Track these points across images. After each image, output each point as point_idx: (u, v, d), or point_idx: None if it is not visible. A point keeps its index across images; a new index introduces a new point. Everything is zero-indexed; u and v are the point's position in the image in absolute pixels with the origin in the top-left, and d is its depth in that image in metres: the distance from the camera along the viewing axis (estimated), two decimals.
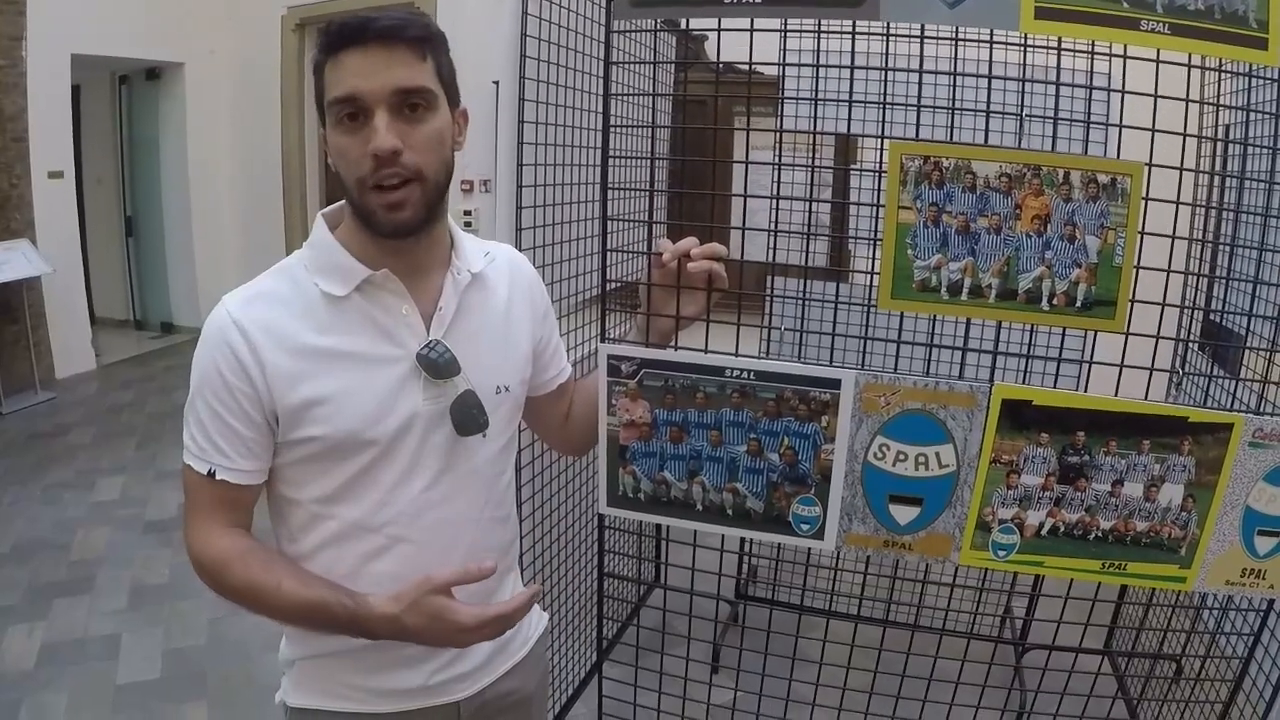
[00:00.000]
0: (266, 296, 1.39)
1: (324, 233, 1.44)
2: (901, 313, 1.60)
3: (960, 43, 1.83)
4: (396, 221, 1.36)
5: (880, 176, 1.53)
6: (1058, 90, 1.63)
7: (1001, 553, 1.62)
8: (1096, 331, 1.54)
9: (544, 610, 1.84)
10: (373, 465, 1.40)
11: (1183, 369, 3.24)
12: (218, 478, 1.37)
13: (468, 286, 1.50)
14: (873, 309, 1.60)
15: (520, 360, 1.60)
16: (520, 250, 2.41)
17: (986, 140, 1.70)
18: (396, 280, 1.41)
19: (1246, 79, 2.63)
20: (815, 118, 2.98)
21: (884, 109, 1.78)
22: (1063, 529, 1.60)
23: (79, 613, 4.14)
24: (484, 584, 1.56)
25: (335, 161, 1.36)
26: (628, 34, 3.09)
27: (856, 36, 1.82)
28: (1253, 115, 2.66)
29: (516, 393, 1.59)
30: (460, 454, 1.48)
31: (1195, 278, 3.13)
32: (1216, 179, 3.01)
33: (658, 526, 3.94)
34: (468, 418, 1.45)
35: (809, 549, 1.88)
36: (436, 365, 1.41)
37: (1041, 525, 1.60)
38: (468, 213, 7.00)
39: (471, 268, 1.51)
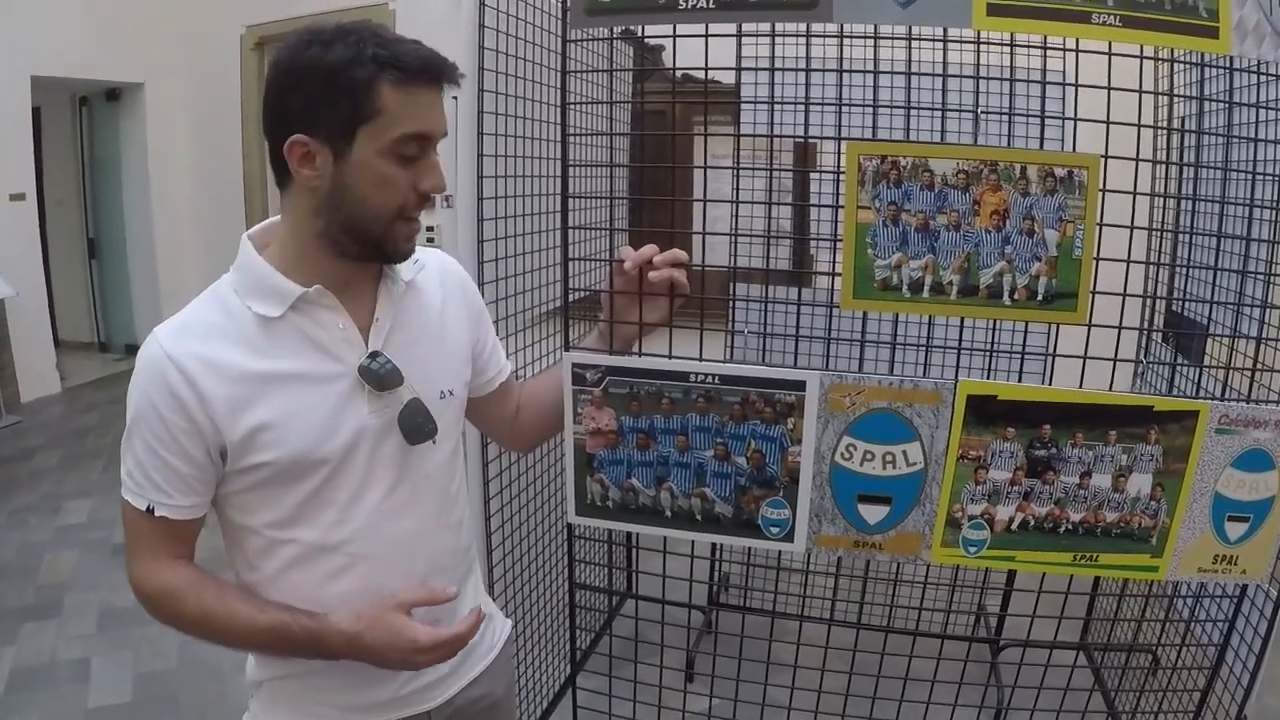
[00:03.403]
0: (199, 326, 1.37)
1: (251, 254, 1.40)
2: (865, 313, 1.61)
3: (915, 43, 1.83)
4: (411, 249, 1.43)
5: (839, 178, 1.53)
6: (1012, 87, 1.65)
7: (972, 549, 1.63)
8: (1059, 324, 1.55)
9: (508, 618, 1.83)
10: (325, 484, 1.39)
11: (1146, 359, 3.26)
12: (157, 514, 1.36)
13: (402, 295, 1.49)
14: (836, 311, 1.60)
15: (460, 363, 1.60)
16: (483, 262, 2.42)
17: (943, 139, 1.71)
18: (331, 296, 1.39)
19: (1200, 69, 2.65)
20: (773, 123, 2.98)
21: (841, 111, 1.79)
22: (1033, 523, 1.61)
23: (48, 637, 4.08)
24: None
25: (367, 188, 1.32)
26: (584, 44, 3.09)
27: (812, 40, 1.82)
28: (1207, 106, 2.69)
29: (460, 395, 1.59)
30: (412, 463, 1.47)
31: (1155, 268, 3.15)
32: (1174, 170, 3.04)
33: (628, 534, 3.93)
34: (415, 426, 1.44)
35: (779, 552, 1.88)
36: (379, 377, 1.40)
37: (1011, 520, 1.61)
38: (430, 229, 6.97)
39: (403, 277, 1.50)
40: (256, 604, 1.38)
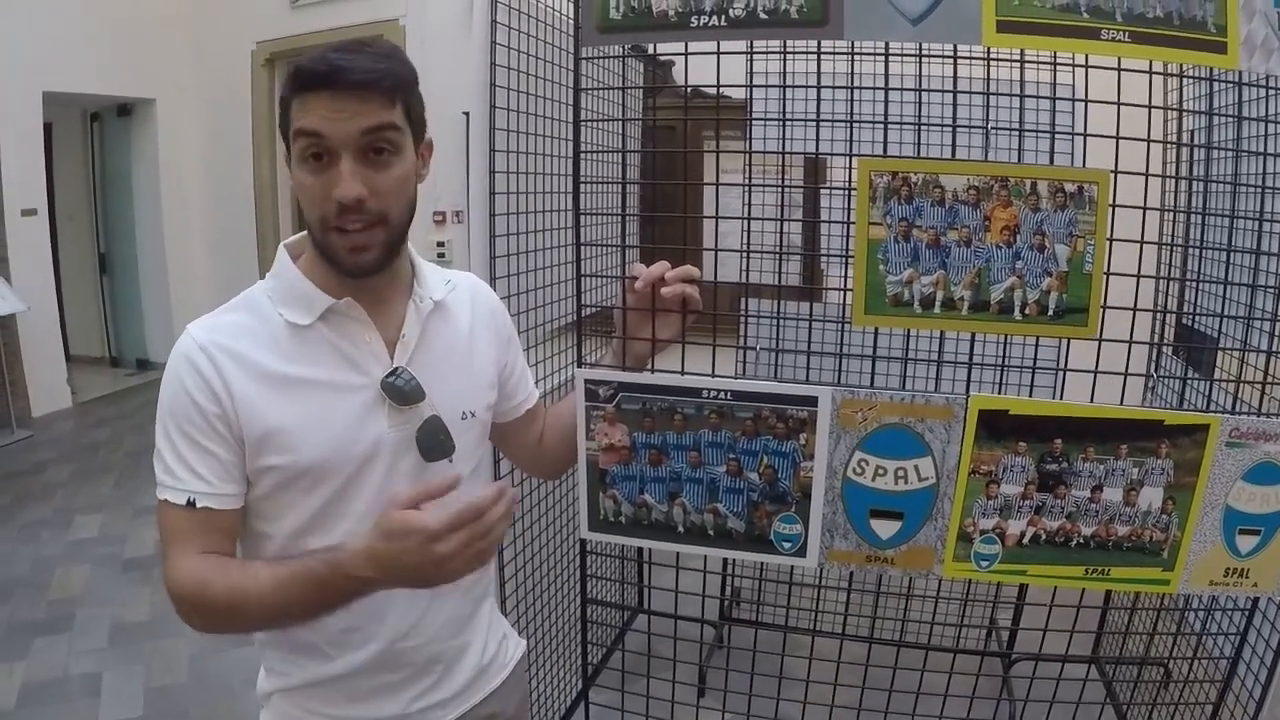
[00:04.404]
0: (231, 325, 1.39)
1: (287, 263, 1.44)
2: (876, 328, 1.61)
3: (925, 59, 1.84)
4: (359, 263, 1.37)
5: (850, 194, 1.54)
6: (1022, 102, 1.65)
7: (984, 563, 1.63)
8: (1070, 339, 1.55)
9: (522, 636, 1.83)
10: (342, 493, 1.40)
11: (1156, 373, 3.26)
12: (199, 506, 1.34)
13: (430, 314, 1.50)
14: (847, 326, 1.61)
15: (484, 386, 1.60)
16: (495, 279, 2.43)
17: (954, 155, 1.71)
18: (360, 308, 1.42)
19: (1208, 84, 2.66)
20: (784, 139, 2.99)
21: (851, 127, 1.79)
22: (1044, 537, 1.61)
23: (59, 651, 4.09)
24: (457, 605, 1.56)
25: (298, 196, 1.36)
26: (596, 61, 3.10)
27: (823, 57, 1.83)
28: (1216, 119, 2.69)
29: (483, 418, 1.59)
30: (430, 480, 1.44)
31: (1166, 282, 3.15)
32: (1184, 184, 3.04)
33: (640, 550, 3.93)
34: (433, 443, 1.45)
35: (792, 567, 1.89)
36: (401, 392, 1.41)
37: (1023, 534, 1.61)
38: (441, 244, 7.00)
39: (433, 295, 1.51)
40: (276, 561, 1.35)
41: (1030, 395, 1.79)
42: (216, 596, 1.31)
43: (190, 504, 1.34)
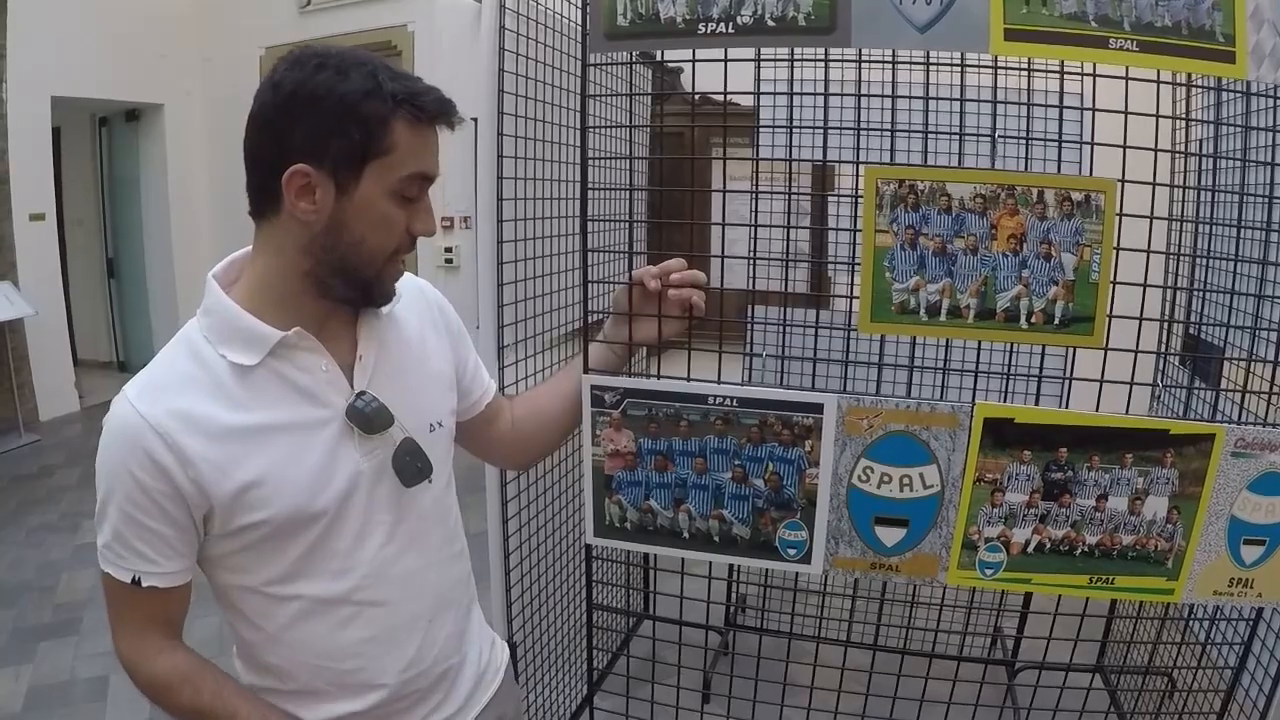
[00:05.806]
0: (172, 379, 1.28)
1: (220, 297, 1.33)
2: (882, 336, 1.62)
3: (932, 67, 1.85)
4: (395, 291, 1.39)
5: (857, 202, 1.54)
6: (1029, 111, 1.66)
7: (989, 571, 1.63)
8: (1076, 348, 1.55)
9: (527, 642, 1.82)
10: (324, 535, 1.33)
11: (1162, 382, 3.25)
12: (144, 585, 1.27)
13: (383, 330, 1.43)
14: (854, 333, 1.61)
15: (445, 391, 1.54)
16: (503, 284, 2.43)
17: (961, 162, 1.72)
18: (311, 338, 1.32)
19: (1216, 93, 2.66)
20: (791, 146, 3.00)
21: (859, 135, 1.80)
22: (1049, 545, 1.61)
23: (65, 655, 4.09)
24: (454, 620, 1.54)
25: (366, 227, 1.27)
26: (603, 68, 3.11)
27: (830, 64, 1.83)
28: (1223, 129, 2.69)
29: (449, 426, 1.54)
30: (409, 502, 1.42)
31: (1172, 291, 3.15)
32: (1191, 193, 3.04)
33: (646, 556, 3.93)
34: (410, 468, 1.40)
35: (796, 574, 1.89)
36: (367, 418, 1.34)
37: (1027, 542, 1.61)
38: (448, 249, 7.01)
39: (382, 309, 1.43)
40: (253, 703, 1.34)
41: (1036, 404, 1.79)
42: (181, 706, 1.32)
43: (135, 582, 1.27)
